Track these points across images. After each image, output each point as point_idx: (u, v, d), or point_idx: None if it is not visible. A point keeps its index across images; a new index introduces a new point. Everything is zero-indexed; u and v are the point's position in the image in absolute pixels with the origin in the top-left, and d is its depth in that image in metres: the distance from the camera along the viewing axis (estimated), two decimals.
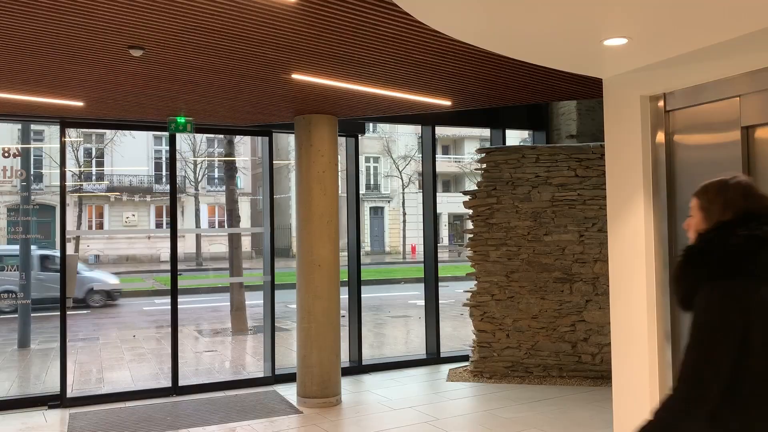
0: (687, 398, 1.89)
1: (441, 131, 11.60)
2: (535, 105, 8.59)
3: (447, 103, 5.98)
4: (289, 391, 6.80)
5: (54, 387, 6.82)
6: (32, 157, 7.83)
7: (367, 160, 35.07)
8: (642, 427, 1.95)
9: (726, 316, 1.92)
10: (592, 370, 7.11)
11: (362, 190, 17.34)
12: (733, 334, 1.90)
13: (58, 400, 6.43)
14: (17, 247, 7.97)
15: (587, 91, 5.68)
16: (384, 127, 33.97)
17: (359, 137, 7.84)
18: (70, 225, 25.66)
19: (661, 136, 3.72)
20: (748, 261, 1.98)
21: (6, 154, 6.62)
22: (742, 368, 1.90)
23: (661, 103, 3.72)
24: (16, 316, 9.01)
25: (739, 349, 1.90)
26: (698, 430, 1.94)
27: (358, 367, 7.69)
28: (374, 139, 34.70)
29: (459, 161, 36.65)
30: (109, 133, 27.92)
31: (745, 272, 1.97)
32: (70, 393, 6.75)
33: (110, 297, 15.91)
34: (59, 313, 6.52)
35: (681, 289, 2.09)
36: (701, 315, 1.97)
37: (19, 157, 6.88)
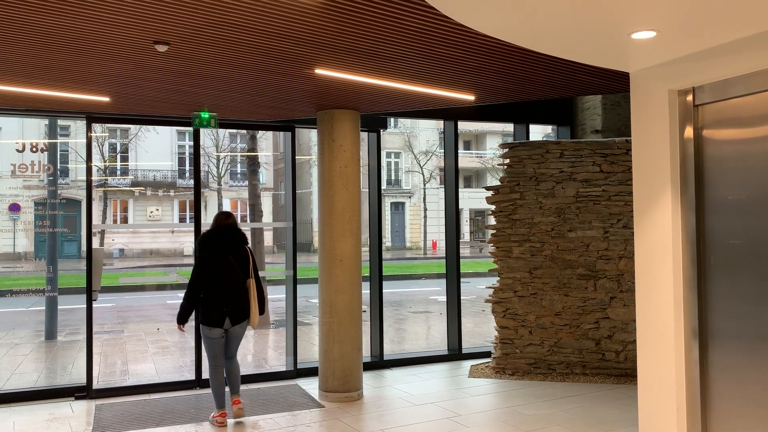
0: (188, 293, 5.49)
1: (463, 126, 11.52)
2: (559, 100, 8.50)
3: (470, 97, 5.94)
4: (310, 385, 6.83)
5: (80, 378, 6.93)
6: (59, 152, 7.92)
7: (388, 155, 35.07)
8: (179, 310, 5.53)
9: (199, 266, 5.49)
10: (616, 368, 7.04)
11: (383, 186, 17.31)
12: (200, 272, 5.46)
13: (84, 392, 6.53)
14: None
15: (613, 85, 5.60)
16: (405, 123, 33.92)
17: (381, 132, 7.83)
18: (96, 219, 25.99)
19: (689, 131, 3.66)
20: (204, 246, 5.53)
21: (34, 149, 6.73)
22: (207, 281, 5.47)
23: (689, 98, 3.65)
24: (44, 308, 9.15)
25: (204, 276, 5.46)
26: (203, 308, 5.51)
27: (379, 362, 7.70)
28: (395, 134, 34.67)
29: (481, 157, 36.49)
30: (133, 128, 28.24)
31: (207, 249, 5.51)
32: (96, 384, 6.85)
33: None
34: (86, 306, 6.62)
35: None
36: (195, 264, 5.62)
37: (46, 152, 6.99)
